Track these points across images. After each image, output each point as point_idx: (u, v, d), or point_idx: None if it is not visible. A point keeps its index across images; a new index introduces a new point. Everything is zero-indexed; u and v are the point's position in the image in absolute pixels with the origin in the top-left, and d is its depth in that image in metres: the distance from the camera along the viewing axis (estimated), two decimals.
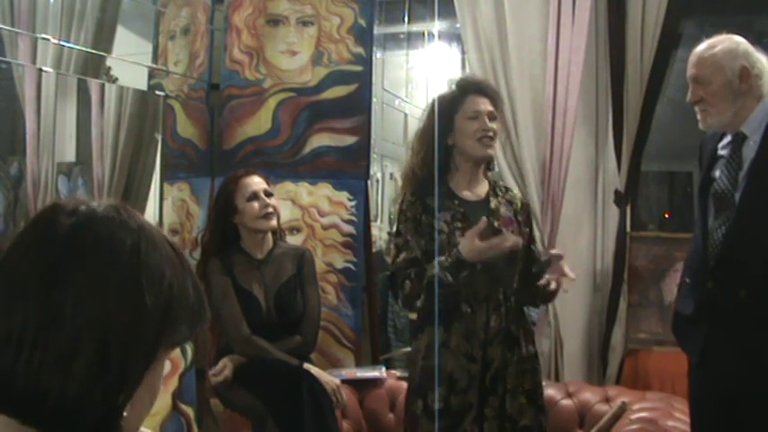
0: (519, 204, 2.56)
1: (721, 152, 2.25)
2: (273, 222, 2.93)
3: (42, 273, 0.82)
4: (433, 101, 2.55)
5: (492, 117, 2.48)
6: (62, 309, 0.81)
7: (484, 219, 2.31)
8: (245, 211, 2.89)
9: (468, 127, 2.46)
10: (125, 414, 0.85)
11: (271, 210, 2.91)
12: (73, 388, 0.80)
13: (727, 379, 2.16)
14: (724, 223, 2.18)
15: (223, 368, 2.79)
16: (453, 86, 2.58)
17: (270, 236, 2.97)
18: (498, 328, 2.38)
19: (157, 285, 0.85)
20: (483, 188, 2.52)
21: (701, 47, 2.24)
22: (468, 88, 2.54)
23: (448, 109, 2.49)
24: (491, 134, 2.46)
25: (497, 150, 2.81)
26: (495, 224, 2.40)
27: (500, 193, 2.54)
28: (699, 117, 2.24)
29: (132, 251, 0.85)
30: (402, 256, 2.42)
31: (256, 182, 2.93)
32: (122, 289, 0.83)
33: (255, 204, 2.88)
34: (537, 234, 2.58)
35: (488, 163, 2.58)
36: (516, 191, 2.67)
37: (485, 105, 2.48)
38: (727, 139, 2.25)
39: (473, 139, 2.46)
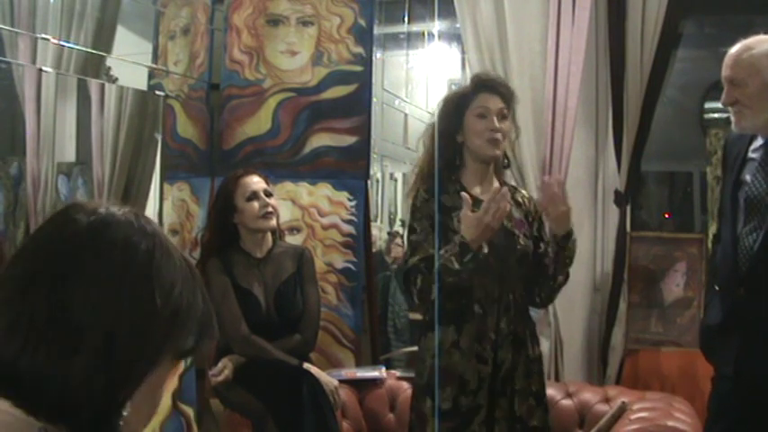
0: (527, 203, 2.51)
1: (752, 155, 2.19)
2: (273, 222, 2.93)
3: (54, 266, 0.84)
4: (444, 97, 2.52)
5: (502, 115, 2.42)
6: (71, 303, 0.82)
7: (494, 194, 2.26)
8: (244, 210, 2.89)
9: (477, 125, 2.41)
10: (125, 414, 0.85)
11: (270, 209, 2.91)
12: (75, 380, 0.81)
13: (761, 390, 2.10)
14: (756, 228, 2.11)
15: (223, 368, 2.78)
16: (468, 83, 2.54)
17: (269, 235, 2.97)
18: (508, 330, 2.36)
19: (168, 290, 0.87)
20: (493, 187, 2.45)
21: (737, 48, 2.16)
22: (480, 85, 2.48)
23: (459, 105, 2.45)
24: (498, 135, 2.40)
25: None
26: (508, 225, 2.38)
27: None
28: (733, 119, 2.18)
29: (147, 256, 0.87)
30: (417, 255, 2.33)
31: (256, 181, 2.93)
32: (133, 289, 0.85)
33: (255, 204, 2.89)
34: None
35: (497, 162, 2.50)
36: (524, 191, 2.61)
37: (495, 103, 2.43)
38: (759, 141, 2.19)
39: (481, 139, 2.41)
